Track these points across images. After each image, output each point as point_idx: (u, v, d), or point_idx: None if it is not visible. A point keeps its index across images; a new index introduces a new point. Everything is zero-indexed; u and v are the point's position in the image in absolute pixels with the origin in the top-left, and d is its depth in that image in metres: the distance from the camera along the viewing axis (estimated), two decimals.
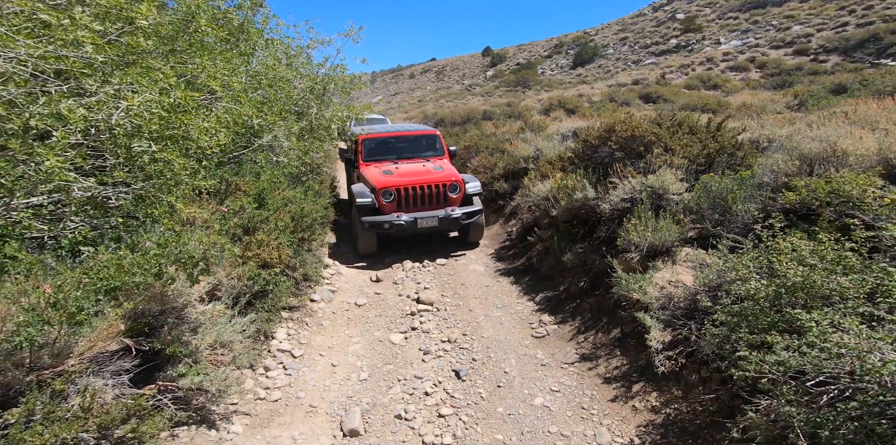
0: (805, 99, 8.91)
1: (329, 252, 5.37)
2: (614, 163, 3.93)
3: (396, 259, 5.34)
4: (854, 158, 2.62)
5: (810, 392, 1.47)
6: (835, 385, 1.41)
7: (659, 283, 3.02)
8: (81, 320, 1.89)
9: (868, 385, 1.30)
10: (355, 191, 5.42)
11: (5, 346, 1.67)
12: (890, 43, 16.02)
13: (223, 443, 2.40)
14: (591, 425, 2.65)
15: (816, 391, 1.48)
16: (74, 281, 1.86)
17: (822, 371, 1.47)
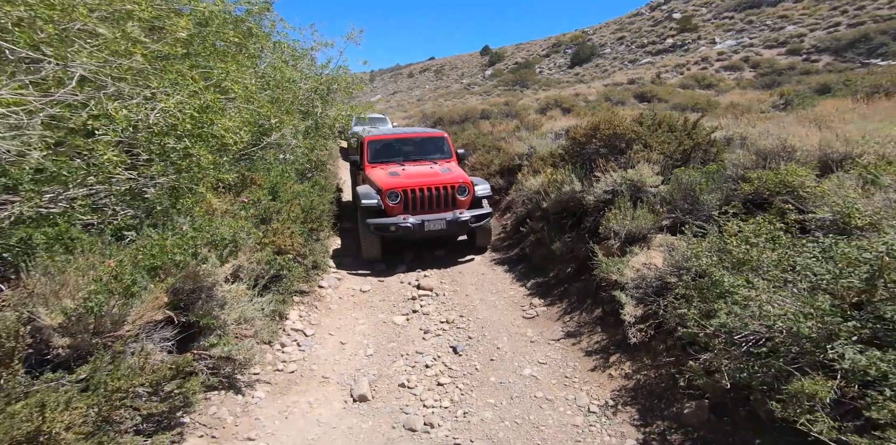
0: (791, 98, 9.26)
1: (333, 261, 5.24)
2: (598, 159, 4.28)
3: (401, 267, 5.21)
4: (800, 153, 2.96)
5: (735, 343, 1.82)
6: (752, 336, 1.75)
7: (635, 266, 3.36)
8: (135, 291, 2.24)
9: (774, 333, 1.64)
10: (360, 193, 5.28)
11: (79, 311, 2.00)
12: (880, 43, 16.39)
13: (249, 406, 2.75)
14: (572, 391, 3.00)
15: (741, 342, 1.82)
16: (130, 259, 2.20)
17: (746, 327, 1.82)
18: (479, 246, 5.69)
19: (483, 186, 5.47)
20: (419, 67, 60.29)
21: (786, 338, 1.64)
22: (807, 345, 1.52)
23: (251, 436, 2.50)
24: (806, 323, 1.49)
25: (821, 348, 1.47)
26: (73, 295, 2.06)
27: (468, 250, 5.68)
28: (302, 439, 2.55)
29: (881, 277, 1.44)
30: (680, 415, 2.53)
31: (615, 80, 23.66)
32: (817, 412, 1.34)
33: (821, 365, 1.49)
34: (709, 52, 26.35)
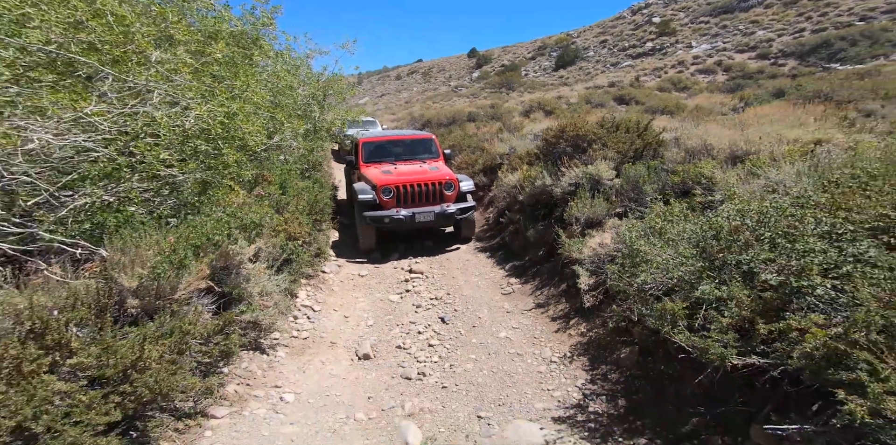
0: (750, 101, 10.11)
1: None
2: (564, 157, 4.96)
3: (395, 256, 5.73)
4: (716, 151, 3.66)
5: (646, 291, 2.48)
6: (658, 286, 2.41)
7: (591, 245, 4.02)
8: (186, 264, 2.82)
9: (669, 281, 2.30)
10: (357, 189, 5.80)
11: (149, 278, 2.58)
12: (839, 49, 17.50)
13: (273, 363, 3.34)
14: (538, 347, 3.65)
15: (650, 290, 2.48)
16: (183, 238, 2.78)
17: (655, 280, 2.48)
18: (464, 237, 6.24)
19: (467, 183, 6.03)
20: (407, 69, 60.87)
21: (676, 283, 2.30)
22: (684, 285, 2.17)
23: (277, 384, 3.09)
24: (680, 268, 2.13)
25: (692, 286, 2.13)
26: (144, 265, 2.63)
27: (454, 240, 6.28)
28: (319, 386, 3.15)
29: (722, 237, 2.10)
30: (618, 359, 3.20)
31: (597, 83, 24.57)
32: (678, 326, 2.00)
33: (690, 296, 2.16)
34: (685, 55, 27.49)
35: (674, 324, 2.03)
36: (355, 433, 2.65)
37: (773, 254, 1.92)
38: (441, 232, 6.67)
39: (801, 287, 1.78)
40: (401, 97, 45.60)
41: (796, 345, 1.68)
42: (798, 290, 1.80)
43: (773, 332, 1.81)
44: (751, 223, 2.16)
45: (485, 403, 2.97)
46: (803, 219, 1.92)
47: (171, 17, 3.12)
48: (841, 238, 1.82)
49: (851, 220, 1.87)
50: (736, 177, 2.99)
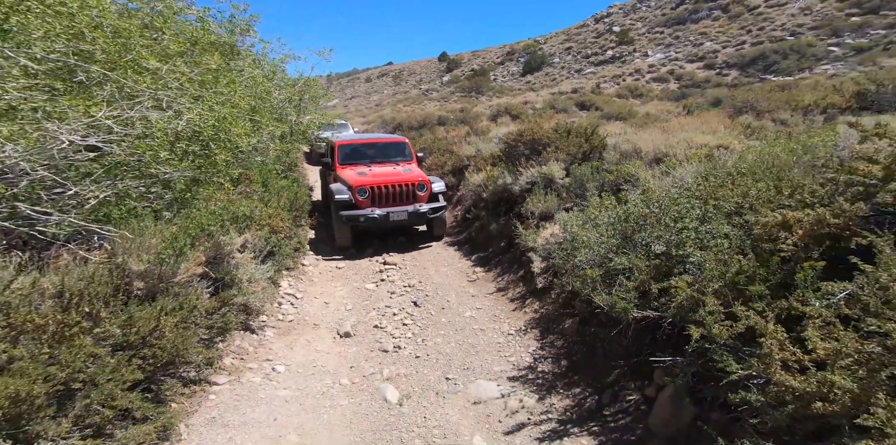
0: (692, 109, 11.17)
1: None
2: (522, 158, 5.57)
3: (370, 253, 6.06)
4: (644, 153, 4.35)
5: (579, 267, 3.07)
6: (588, 262, 3.01)
7: (544, 236, 4.63)
8: (185, 251, 3.19)
9: (595, 257, 2.90)
10: (334, 189, 6.05)
11: (154, 262, 2.94)
12: (773, 61, 19.27)
13: (263, 341, 3.73)
14: (498, 323, 4.20)
15: (581, 266, 3.09)
16: (183, 228, 3.15)
17: (587, 258, 3.08)
18: (436, 235, 6.60)
19: (439, 184, 6.40)
20: (377, 72, 60.91)
21: (600, 259, 2.91)
22: (604, 259, 2.77)
23: (269, 358, 3.50)
24: (602, 246, 2.72)
25: (609, 259, 2.73)
26: (149, 251, 2.99)
27: (427, 239, 6.69)
28: (306, 359, 3.58)
29: (632, 221, 2.72)
30: (562, 329, 3.80)
31: (561, 89, 25.73)
32: (596, 289, 2.59)
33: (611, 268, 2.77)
34: (642, 64, 29.20)
35: (593, 288, 2.62)
36: (341, 394, 3.10)
37: (663, 232, 2.54)
38: (414, 230, 7.07)
39: (679, 255, 2.39)
40: (371, 100, 45.68)
41: (673, 299, 2.29)
42: (678, 258, 2.42)
43: (661, 291, 2.43)
44: (653, 210, 2.79)
45: (452, 368, 3.49)
46: (685, 206, 2.55)
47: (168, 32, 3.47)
48: (708, 219, 2.45)
49: (718, 207, 2.51)
50: (653, 175, 3.67)
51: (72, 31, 3.33)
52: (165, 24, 3.65)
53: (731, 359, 1.85)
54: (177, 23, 4.35)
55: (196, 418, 2.65)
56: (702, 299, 2.08)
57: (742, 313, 1.83)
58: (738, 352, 1.85)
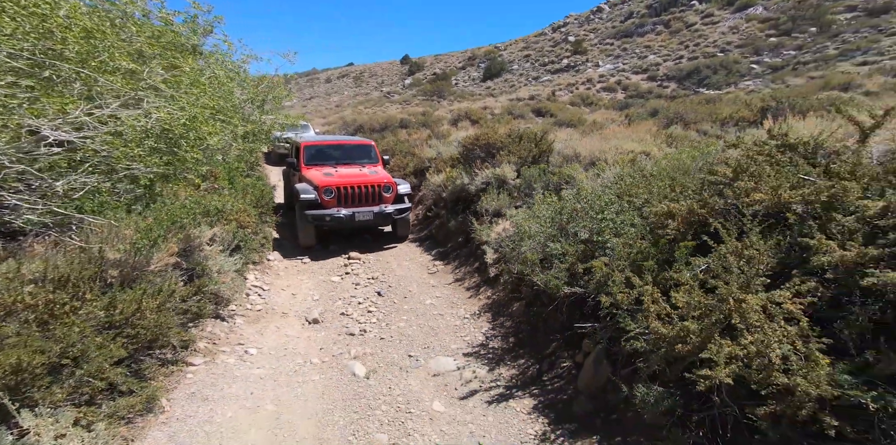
0: (633, 118, 12.22)
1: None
2: (478, 160, 6.06)
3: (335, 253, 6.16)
4: (583, 157, 4.97)
5: (523, 255, 3.57)
6: (531, 251, 3.51)
7: (496, 230, 5.13)
8: (159, 242, 3.38)
9: (536, 245, 3.41)
10: (299, 189, 6.05)
11: (129, 251, 3.12)
12: (706, 75, 21.21)
13: (234, 328, 3.94)
14: (456, 309, 4.64)
15: (525, 253, 3.58)
16: (158, 219, 3.34)
17: (530, 247, 3.58)
18: (400, 236, 6.75)
19: (404, 186, 6.54)
20: (337, 73, 60.14)
21: (540, 247, 3.41)
22: (543, 246, 3.28)
23: (241, 343, 3.73)
24: (541, 235, 3.23)
25: (546, 246, 3.24)
26: (124, 241, 3.17)
27: (391, 240, 6.85)
28: (277, 343, 3.83)
29: (566, 214, 3.25)
30: (511, 312, 4.29)
31: (519, 96, 26.80)
32: (534, 271, 3.08)
33: (550, 253, 3.27)
34: (593, 73, 30.97)
35: (532, 270, 3.11)
36: (312, 371, 3.40)
37: (589, 223, 3.08)
38: (379, 231, 7.20)
39: (599, 241, 2.93)
40: (331, 100, 45.10)
41: (594, 276, 2.82)
42: (599, 243, 2.96)
43: (585, 270, 2.95)
44: (582, 205, 3.34)
45: (414, 347, 3.88)
46: (606, 201, 3.10)
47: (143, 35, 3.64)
48: (622, 212, 3.01)
49: (631, 202, 3.08)
50: (587, 177, 4.25)
51: (41, 30, 3.42)
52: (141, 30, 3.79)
53: (629, 319, 2.38)
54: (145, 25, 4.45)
55: (176, 393, 2.87)
56: (612, 274, 2.60)
57: (637, 283, 2.36)
58: (634, 314, 2.38)
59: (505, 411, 3.00)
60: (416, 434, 2.72)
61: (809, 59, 18.94)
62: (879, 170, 2.03)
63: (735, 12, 31.96)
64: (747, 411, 2.00)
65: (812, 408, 1.77)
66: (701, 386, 1.93)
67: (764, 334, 1.88)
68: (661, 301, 2.14)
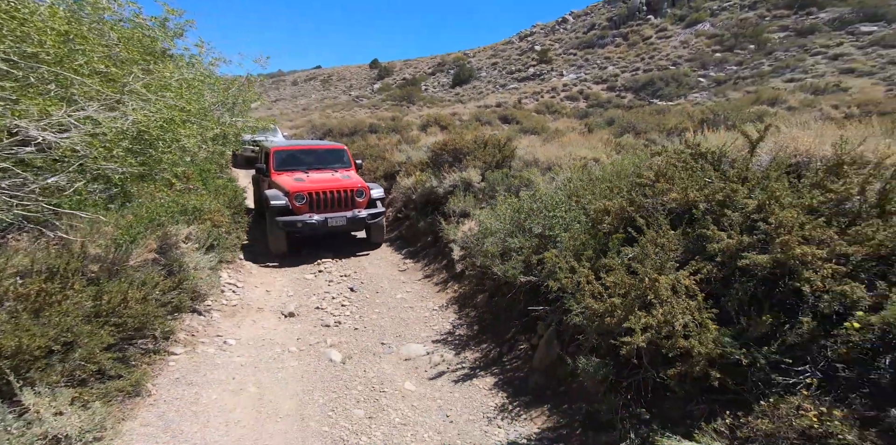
0: (592, 127, 13.03)
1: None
2: (446, 165, 6.45)
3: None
4: (541, 162, 5.47)
5: (485, 249, 3.97)
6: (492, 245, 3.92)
7: (463, 230, 5.51)
8: (137, 238, 3.53)
9: (497, 241, 3.81)
10: (270, 195, 5.94)
11: (110, 247, 3.27)
12: (659, 87, 22.71)
13: (211, 321, 4.11)
14: (425, 302, 4.97)
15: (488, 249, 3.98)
16: (138, 217, 3.50)
17: (493, 243, 3.97)
18: (374, 241, 6.76)
19: (377, 190, 6.51)
20: (304, 75, 59.28)
21: (501, 242, 3.82)
22: (502, 242, 3.69)
23: (219, 334, 3.90)
24: (502, 232, 3.63)
25: (506, 241, 3.65)
26: (105, 237, 3.31)
27: (366, 246, 6.82)
28: (254, 334, 4.03)
29: (523, 212, 3.69)
30: (476, 303, 4.67)
31: (487, 103, 27.56)
32: (495, 262, 3.48)
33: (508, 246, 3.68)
34: (558, 82, 32.25)
35: (493, 261, 3.51)
36: (291, 358, 3.64)
37: (542, 220, 3.51)
38: (353, 236, 7.24)
39: (550, 235, 3.36)
40: (298, 103, 44.46)
41: (545, 266, 3.24)
42: (550, 238, 3.39)
43: (539, 261, 3.37)
44: (537, 205, 3.78)
45: (386, 336, 4.17)
46: (557, 201, 3.55)
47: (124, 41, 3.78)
48: (570, 210, 3.47)
49: (578, 201, 3.54)
50: (544, 180, 4.72)
51: (18, 33, 3.51)
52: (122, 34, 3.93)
53: (572, 301, 2.81)
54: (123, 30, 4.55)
55: (161, 379, 3.05)
56: (559, 263, 3.03)
57: (578, 269, 2.80)
58: (575, 295, 2.81)
59: (469, 388, 3.36)
60: (390, 408, 3.03)
61: (748, 75, 20.73)
62: (760, 175, 2.56)
63: (686, 27, 34.26)
64: (661, 373, 2.45)
65: (703, 366, 2.23)
66: (623, 351, 2.36)
67: (671, 307, 2.34)
68: (595, 282, 2.57)
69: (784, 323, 2.18)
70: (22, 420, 2.09)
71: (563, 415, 2.89)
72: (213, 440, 2.52)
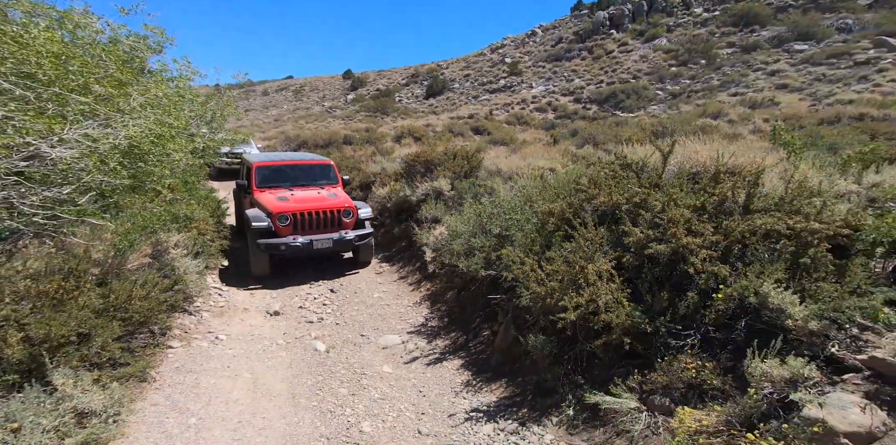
0: (557, 138, 13.90)
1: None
2: (418, 175, 6.99)
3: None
4: (504, 172, 6.09)
5: (454, 249, 4.50)
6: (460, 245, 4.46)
7: (434, 234, 6.03)
8: (134, 244, 3.88)
9: (463, 241, 4.36)
10: (251, 216, 5.61)
11: (111, 252, 3.62)
12: (620, 99, 24.15)
13: (202, 320, 4.45)
14: (400, 300, 5.45)
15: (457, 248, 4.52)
16: (137, 224, 3.85)
17: (460, 244, 4.52)
18: (362, 262, 6.48)
19: (365, 210, 6.19)
20: (276, 85, 58.92)
21: (465, 241, 4.36)
22: (467, 241, 4.25)
23: (210, 331, 4.26)
24: (467, 234, 4.18)
25: (470, 241, 4.20)
26: (105, 243, 3.65)
27: (353, 266, 6.53)
28: (243, 331, 4.40)
29: (484, 216, 4.25)
30: (446, 299, 5.19)
31: (459, 114, 28.38)
32: (460, 259, 4.01)
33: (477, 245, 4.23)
34: (527, 94, 33.56)
35: (459, 259, 4.04)
36: (279, 349, 4.04)
37: (501, 222, 4.09)
38: (340, 255, 6.89)
39: (507, 235, 3.93)
40: (269, 114, 44.19)
41: (503, 261, 3.79)
42: (507, 237, 3.96)
43: (497, 257, 3.93)
44: (497, 209, 4.35)
45: (365, 329, 4.62)
46: (513, 206, 4.13)
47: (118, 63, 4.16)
48: (524, 213, 4.06)
49: (531, 206, 4.14)
50: (505, 188, 5.32)
51: (19, 56, 3.85)
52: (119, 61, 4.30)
53: (523, 288, 3.37)
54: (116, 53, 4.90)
55: (162, 368, 3.40)
56: (512, 257, 3.60)
57: (526, 260, 3.36)
58: (524, 282, 3.37)
59: (440, 369, 3.85)
60: (370, 387, 3.49)
61: (699, 88, 22.41)
62: (667, 182, 3.21)
63: (645, 42, 36.39)
64: (591, 345, 3.03)
65: (620, 335, 2.81)
66: (560, 325, 2.93)
67: (596, 288, 2.93)
68: (539, 271, 3.14)
69: (678, 298, 2.79)
70: (53, 397, 2.45)
71: (517, 386, 3.42)
72: (217, 414, 2.91)
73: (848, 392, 2.05)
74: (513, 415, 3.08)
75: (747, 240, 2.63)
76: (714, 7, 37.27)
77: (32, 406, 2.30)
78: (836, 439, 1.93)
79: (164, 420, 2.78)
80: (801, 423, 1.99)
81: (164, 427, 2.71)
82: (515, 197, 4.63)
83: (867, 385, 2.06)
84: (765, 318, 2.41)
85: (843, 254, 2.55)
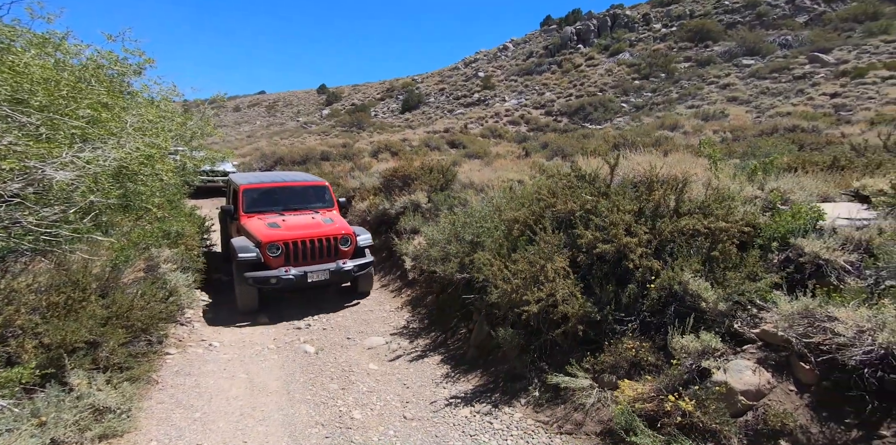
0: (529, 150, 14.62)
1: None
2: (396, 189, 7.41)
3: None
4: (476, 184, 6.60)
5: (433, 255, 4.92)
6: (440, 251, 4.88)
7: (413, 244, 6.43)
8: (129, 259, 4.13)
9: (440, 248, 4.78)
10: (237, 246, 5.07)
11: (108, 266, 3.87)
12: (589, 112, 25.38)
13: (193, 330, 4.69)
14: (383, 305, 5.79)
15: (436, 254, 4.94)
16: (133, 240, 4.12)
17: (437, 251, 4.94)
18: (361, 291, 5.95)
19: (365, 236, 5.71)
20: (248, 101, 58.53)
21: (441, 248, 4.79)
22: (443, 248, 4.68)
23: (203, 339, 4.50)
24: (444, 241, 4.62)
25: (446, 248, 4.63)
26: (102, 258, 3.90)
27: (351, 296, 6.02)
28: (235, 338, 4.65)
29: (458, 224, 4.71)
30: (426, 303, 5.57)
31: (435, 128, 29.08)
32: (437, 264, 4.43)
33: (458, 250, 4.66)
34: (501, 108, 34.69)
35: (436, 264, 4.46)
36: (271, 353, 4.32)
37: (474, 229, 4.54)
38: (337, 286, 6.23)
39: (479, 241, 4.39)
40: (241, 130, 43.92)
41: (475, 265, 4.23)
42: (479, 243, 4.42)
43: (470, 262, 4.37)
44: (470, 218, 4.81)
45: (351, 333, 4.94)
46: (483, 214, 4.60)
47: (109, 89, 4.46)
48: (494, 221, 4.53)
49: (500, 214, 4.61)
50: (477, 199, 5.82)
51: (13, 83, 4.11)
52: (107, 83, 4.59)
53: (493, 287, 3.81)
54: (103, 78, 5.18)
55: (162, 372, 3.65)
56: (483, 260, 4.04)
57: (495, 262, 3.81)
58: (493, 281, 3.81)
59: (421, 365, 4.22)
60: (359, 382, 3.82)
61: (660, 101, 23.85)
62: (614, 190, 3.75)
63: (610, 56, 38.29)
64: (552, 334, 3.48)
65: (574, 324, 3.27)
66: (524, 317, 3.37)
67: (554, 284, 3.39)
68: (505, 270, 3.59)
69: (621, 290, 3.29)
70: (71, 395, 2.70)
71: (490, 375, 3.83)
72: (219, 409, 3.20)
73: (745, 359, 2.56)
74: (487, 399, 3.48)
75: (676, 238, 3.16)
76: (672, 23, 39.71)
77: (54, 404, 2.56)
78: (734, 397, 2.42)
79: (171, 415, 3.05)
80: (710, 386, 2.48)
81: (172, 421, 2.97)
82: (486, 207, 5.10)
83: (759, 352, 2.57)
84: (687, 303, 2.93)
85: (749, 248, 3.10)
